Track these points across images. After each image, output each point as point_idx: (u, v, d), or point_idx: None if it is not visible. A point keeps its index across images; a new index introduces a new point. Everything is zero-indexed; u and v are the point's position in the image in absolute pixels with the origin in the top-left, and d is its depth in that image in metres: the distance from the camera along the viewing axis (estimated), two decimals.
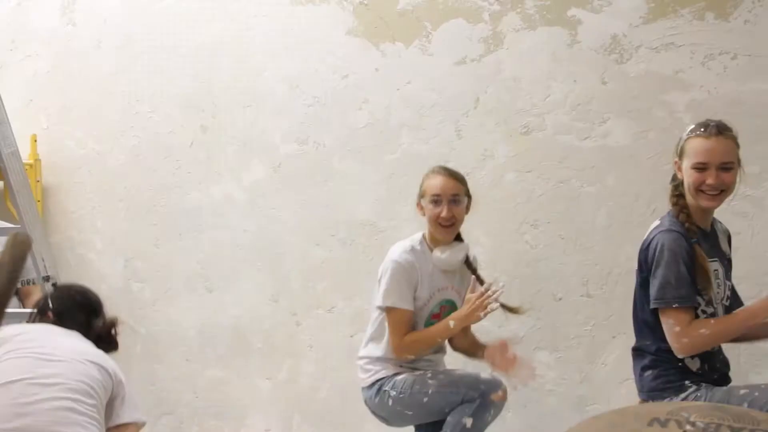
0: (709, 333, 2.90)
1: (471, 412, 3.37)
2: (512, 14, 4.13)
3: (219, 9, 4.93)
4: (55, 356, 2.83)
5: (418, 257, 3.51)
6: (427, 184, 3.56)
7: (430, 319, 3.59)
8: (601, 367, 3.95)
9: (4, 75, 5.49)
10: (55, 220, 5.52)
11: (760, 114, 3.61)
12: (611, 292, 3.92)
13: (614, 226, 3.92)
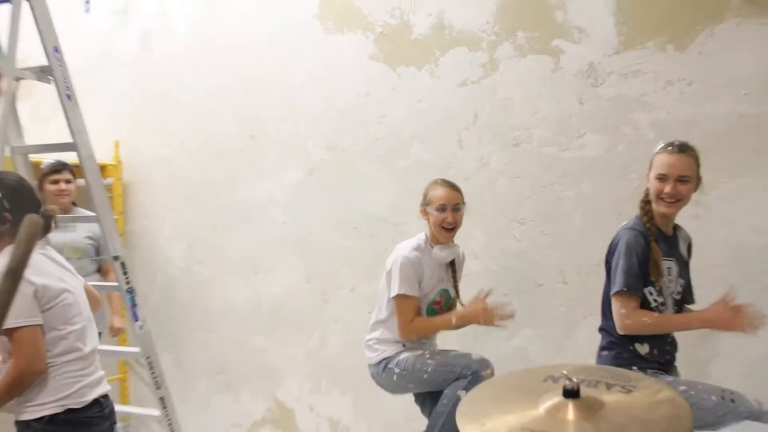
0: (650, 323, 2.98)
1: (464, 385, 3.43)
2: (506, 44, 4.14)
3: (265, 38, 5.02)
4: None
5: (423, 254, 3.58)
6: (433, 194, 3.62)
7: (432, 305, 3.66)
8: (574, 342, 3.96)
9: (94, 93, 5.59)
10: (133, 212, 5.72)
11: (712, 132, 3.59)
12: (584, 280, 3.92)
13: (588, 224, 3.92)
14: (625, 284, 2.98)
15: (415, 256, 3.55)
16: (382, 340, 3.67)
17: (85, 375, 2.80)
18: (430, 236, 3.64)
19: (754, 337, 3.50)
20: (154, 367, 4.10)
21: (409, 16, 4.46)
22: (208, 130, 5.32)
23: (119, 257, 3.99)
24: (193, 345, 5.49)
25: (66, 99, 3.77)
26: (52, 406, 2.68)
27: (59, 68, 3.76)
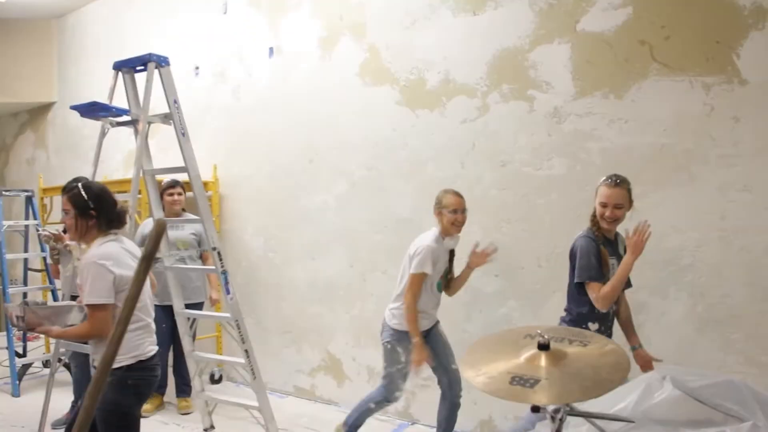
0: (609, 288, 3.04)
1: (375, 401, 3.81)
2: (494, 93, 4.19)
3: (321, 90, 5.09)
4: None
5: (438, 243, 3.65)
6: (447, 200, 3.66)
7: (438, 279, 3.73)
8: (546, 310, 3.95)
9: (200, 130, 5.73)
10: (226, 215, 5.81)
11: (642, 156, 3.61)
12: (553, 265, 3.93)
13: (555, 224, 3.95)
14: (588, 276, 3.09)
15: (436, 246, 3.62)
16: (400, 310, 3.71)
17: (147, 337, 2.90)
18: (442, 230, 3.68)
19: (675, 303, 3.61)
20: (241, 327, 4.08)
21: (424, 74, 4.50)
22: (279, 156, 5.39)
23: (216, 248, 4.03)
24: (268, 311, 5.56)
25: (181, 136, 3.88)
26: (127, 359, 2.78)
27: (177, 114, 3.88)
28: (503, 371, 1.84)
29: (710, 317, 3.52)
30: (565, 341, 1.99)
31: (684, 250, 3.58)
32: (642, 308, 3.69)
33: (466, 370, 1.92)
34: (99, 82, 7.23)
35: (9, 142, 9.19)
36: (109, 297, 2.70)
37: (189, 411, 4.97)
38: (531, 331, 2.05)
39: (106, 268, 2.71)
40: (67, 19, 7.97)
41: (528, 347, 1.91)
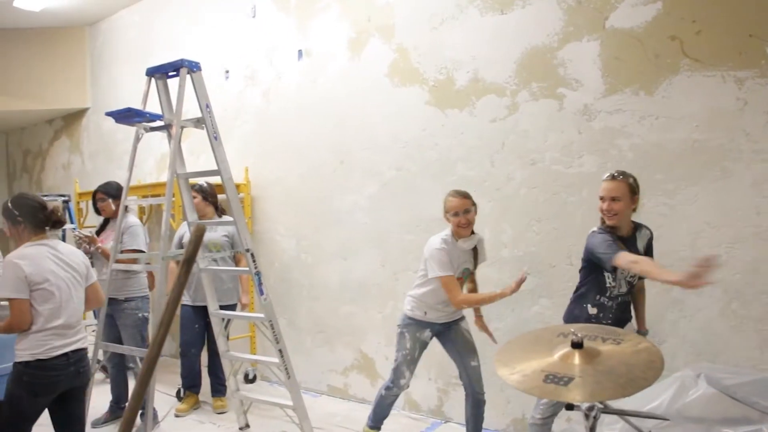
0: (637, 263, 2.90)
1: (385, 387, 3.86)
2: (524, 92, 4.19)
3: (350, 92, 5.12)
4: None
5: (449, 245, 3.60)
6: (448, 204, 3.64)
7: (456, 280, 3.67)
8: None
9: (232, 133, 5.84)
10: (258, 217, 5.86)
11: (673, 152, 3.59)
12: None
13: (586, 221, 3.82)
14: (614, 251, 2.98)
15: (442, 248, 3.58)
16: (416, 298, 3.77)
17: (54, 339, 3.06)
18: (454, 232, 3.65)
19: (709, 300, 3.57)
20: (274, 327, 4.12)
21: (453, 73, 4.52)
22: (310, 158, 5.43)
23: (249, 249, 4.07)
24: (301, 311, 5.59)
25: (213, 139, 3.94)
26: (25, 356, 3.00)
27: (209, 119, 3.94)
28: (537, 369, 1.86)
29: (746, 314, 3.48)
30: (599, 339, 2.01)
31: (718, 247, 3.53)
32: (676, 305, 3.67)
33: (500, 368, 1.94)
34: (130, 87, 7.38)
35: (45, 148, 9.39)
36: (20, 292, 2.96)
37: (224, 410, 5.04)
38: (564, 330, 2.09)
39: (19, 266, 2.97)
40: (99, 26, 8.12)
41: (562, 345, 1.94)
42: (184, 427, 4.75)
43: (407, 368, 3.83)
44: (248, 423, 4.64)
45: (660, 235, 3.61)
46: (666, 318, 3.69)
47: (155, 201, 4.46)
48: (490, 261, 4.25)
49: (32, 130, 9.69)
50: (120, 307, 4.54)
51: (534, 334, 2.29)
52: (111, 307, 4.51)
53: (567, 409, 1.83)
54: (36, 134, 9.60)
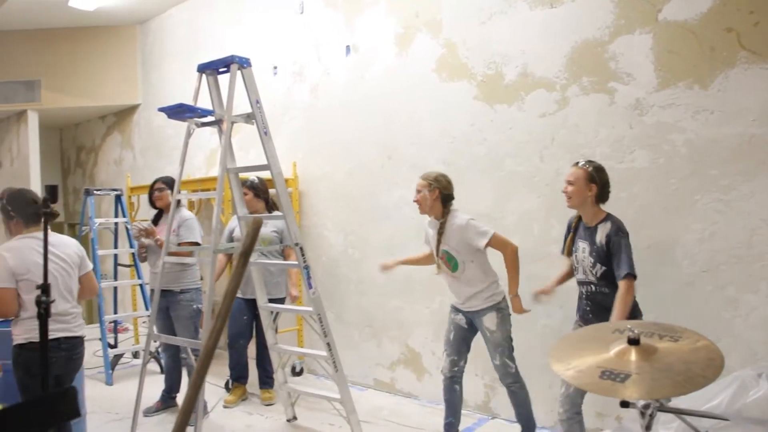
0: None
1: None
2: (574, 86, 4.15)
3: (398, 87, 5.13)
4: None
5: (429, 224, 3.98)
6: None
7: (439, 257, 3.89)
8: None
9: (280, 129, 5.89)
10: (306, 212, 5.92)
11: (729, 148, 3.51)
12: (635, 259, 3.84)
13: (638, 218, 3.81)
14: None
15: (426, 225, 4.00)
16: None
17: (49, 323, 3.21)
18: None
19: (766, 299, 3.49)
20: (323, 321, 4.15)
21: (501, 68, 4.49)
22: (358, 153, 5.47)
23: (299, 244, 4.10)
24: (348, 306, 5.65)
25: (263, 135, 3.96)
26: (20, 339, 3.25)
27: (259, 114, 3.96)
28: (593, 365, 1.85)
29: None
30: (655, 336, 1.99)
31: None
32: (731, 304, 3.60)
33: (555, 364, 1.93)
34: (179, 84, 7.53)
35: (98, 144, 9.63)
36: (5, 282, 3.18)
37: (272, 402, 5.11)
38: (620, 326, 2.05)
39: (4, 258, 3.20)
40: (150, 25, 8.29)
41: (617, 342, 1.92)
42: (233, 418, 4.84)
43: (444, 348, 3.99)
44: (296, 415, 4.70)
45: (714, 233, 3.59)
46: (721, 317, 3.61)
47: (205, 195, 4.52)
48: (539, 257, 4.23)
49: (86, 126, 9.94)
50: (175, 299, 4.68)
51: (588, 330, 2.29)
52: (166, 298, 4.63)
53: (622, 406, 1.81)
54: (89, 130, 9.85)
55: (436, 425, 4.23)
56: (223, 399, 5.15)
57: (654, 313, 3.74)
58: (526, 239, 4.36)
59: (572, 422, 3.39)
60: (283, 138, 5.95)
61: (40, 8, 7.69)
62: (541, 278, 4.16)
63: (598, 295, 3.32)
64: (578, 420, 3.39)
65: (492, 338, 3.80)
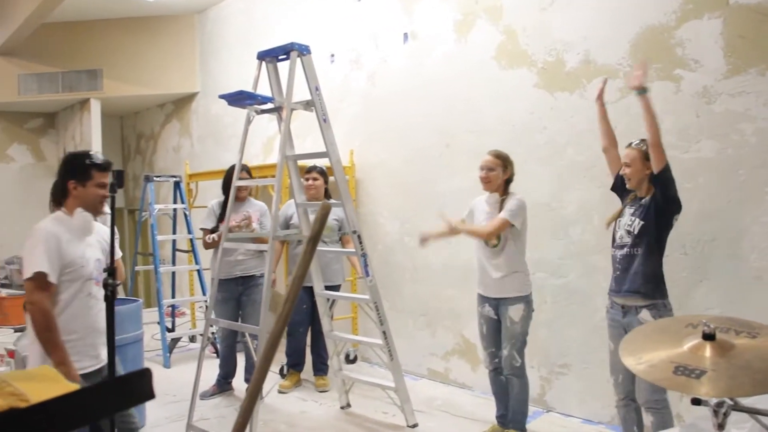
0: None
1: None
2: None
3: (456, 74, 5.13)
4: None
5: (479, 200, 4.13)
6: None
7: None
8: (692, 299, 3.81)
9: (337, 117, 5.91)
10: (363, 199, 5.99)
11: None
12: (699, 252, 3.80)
13: (702, 210, 3.78)
14: None
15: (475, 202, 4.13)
16: None
17: None
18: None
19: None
20: (379, 309, 4.21)
21: (562, 55, 4.46)
22: (415, 141, 5.49)
23: (357, 231, 4.17)
24: (403, 294, 5.69)
25: (323, 122, 4.03)
26: None
27: (319, 101, 4.03)
28: (665, 360, 1.81)
29: None
30: (731, 332, 1.91)
31: None
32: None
33: (626, 358, 1.90)
34: (237, 72, 7.67)
35: (156, 131, 9.88)
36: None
37: (326, 389, 5.19)
38: (693, 320, 1.99)
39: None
40: (208, 14, 8.46)
41: (691, 336, 1.87)
42: (287, 404, 4.93)
43: (481, 342, 4.09)
44: (349, 402, 4.76)
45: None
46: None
47: (263, 182, 4.63)
48: (598, 249, 4.19)
49: (145, 114, 10.20)
50: (254, 283, 4.89)
51: (660, 324, 2.24)
52: (243, 285, 4.77)
53: (693, 403, 1.77)
54: (148, 118, 10.11)
55: (491, 417, 4.24)
56: (278, 384, 5.24)
57: (720, 308, 3.70)
58: (586, 230, 4.35)
59: (629, 409, 3.42)
60: (340, 126, 5.97)
61: None
62: (602, 270, 4.15)
63: (628, 257, 3.32)
64: (635, 407, 3.40)
65: (511, 329, 3.85)
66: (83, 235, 2.89)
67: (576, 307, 4.43)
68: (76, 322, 2.79)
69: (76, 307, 2.80)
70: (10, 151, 10.21)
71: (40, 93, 9.06)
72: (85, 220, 2.91)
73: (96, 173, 2.86)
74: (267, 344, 1.73)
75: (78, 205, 2.89)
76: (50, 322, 2.67)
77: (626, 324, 3.28)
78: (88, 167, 2.87)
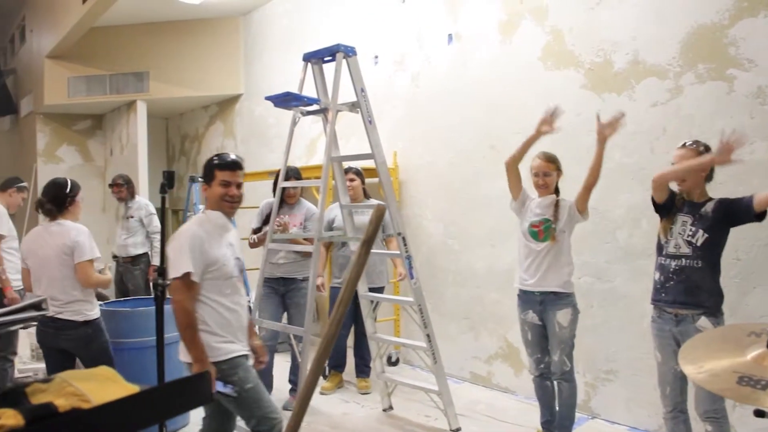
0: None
1: None
2: (689, 74, 4.00)
3: (501, 75, 5.10)
4: None
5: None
6: (531, 164, 4.01)
7: (529, 227, 3.95)
8: (745, 305, 3.73)
9: (380, 118, 5.88)
10: (406, 201, 5.99)
11: None
12: (753, 257, 3.72)
13: None
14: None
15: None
16: None
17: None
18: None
19: None
20: (423, 312, 4.20)
21: (610, 56, 4.40)
22: (459, 143, 5.47)
23: (401, 233, 4.19)
24: (446, 297, 5.67)
25: (368, 123, 4.07)
26: (95, 314, 3.76)
27: (364, 103, 4.07)
28: (728, 369, 1.77)
29: None
30: None
31: None
32: None
33: (686, 366, 1.87)
34: (280, 74, 7.76)
35: (201, 133, 10.03)
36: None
37: (368, 391, 5.21)
38: (756, 329, 1.96)
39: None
40: (252, 16, 8.56)
41: (755, 346, 1.82)
42: (330, 405, 4.96)
43: (526, 349, 4.06)
44: (392, 405, 4.77)
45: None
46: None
47: (308, 184, 4.64)
48: (646, 253, 4.11)
49: (190, 116, 10.37)
50: (298, 286, 4.86)
51: (720, 332, 2.24)
52: (284, 286, 4.80)
53: (756, 415, 1.73)
54: (193, 119, 10.28)
55: (534, 422, 4.21)
56: (320, 386, 5.27)
57: None
58: (633, 234, 4.29)
59: (677, 421, 3.34)
60: (383, 127, 5.91)
61: (150, 3, 8.10)
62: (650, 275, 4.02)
63: (687, 270, 3.22)
64: (683, 419, 3.33)
65: (560, 334, 3.82)
66: (222, 235, 2.98)
67: (623, 312, 4.36)
68: (218, 319, 2.88)
69: (219, 305, 2.89)
70: (59, 152, 10.47)
71: (89, 95, 9.29)
72: (222, 220, 3.01)
73: (218, 172, 2.97)
74: (320, 347, 1.74)
75: (209, 206, 3.02)
76: (191, 320, 2.77)
77: (679, 333, 3.20)
78: (213, 167, 2.99)
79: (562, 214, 3.90)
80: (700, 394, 3.14)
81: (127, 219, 6.56)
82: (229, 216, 3.04)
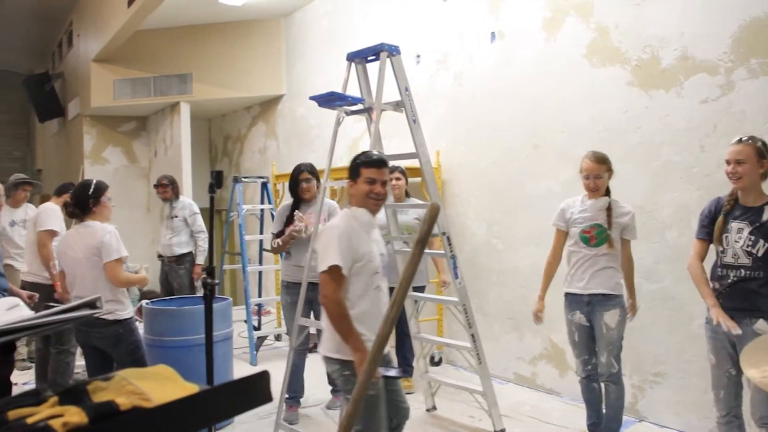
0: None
1: None
2: (741, 69, 3.91)
3: (545, 73, 5.07)
4: None
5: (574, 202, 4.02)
6: (582, 165, 3.87)
7: (581, 233, 3.89)
8: None
9: (422, 117, 5.91)
10: (449, 200, 5.97)
11: None
12: None
13: None
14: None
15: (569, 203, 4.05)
16: None
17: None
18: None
19: None
20: (468, 312, 4.18)
21: (658, 52, 4.33)
22: (503, 142, 5.44)
23: (446, 233, 4.18)
24: (490, 297, 5.65)
25: (412, 123, 4.07)
26: (127, 314, 3.81)
27: (408, 102, 4.06)
28: None
29: None
30: None
31: None
32: None
33: (749, 369, 1.83)
34: (321, 74, 7.81)
35: (243, 133, 10.15)
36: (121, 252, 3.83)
37: (411, 391, 5.19)
38: None
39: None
40: (294, 17, 8.63)
41: None
42: None
43: (573, 350, 4.01)
44: (435, 405, 4.77)
45: None
46: None
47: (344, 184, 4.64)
48: None
49: (232, 117, 10.50)
50: None
51: None
52: (313, 291, 4.73)
53: None
54: (235, 120, 10.40)
55: (580, 424, 4.17)
56: None
57: None
58: (683, 234, 4.21)
59: (731, 426, 3.26)
60: (426, 126, 5.85)
61: (192, 6, 8.21)
62: None
63: (747, 281, 3.11)
64: (737, 424, 3.26)
65: (607, 335, 3.77)
66: (369, 232, 3.05)
67: (672, 313, 4.29)
68: (366, 314, 2.93)
69: (366, 299, 2.95)
70: (105, 154, 10.68)
71: (134, 97, 9.46)
72: (367, 217, 3.05)
73: (363, 169, 3.00)
74: (374, 346, 1.76)
75: (353, 203, 3.07)
76: (343, 311, 2.84)
77: (735, 335, 3.11)
78: (359, 165, 3.02)
79: (616, 223, 3.83)
80: (758, 399, 3.06)
81: (172, 219, 6.66)
82: (373, 213, 3.07)
